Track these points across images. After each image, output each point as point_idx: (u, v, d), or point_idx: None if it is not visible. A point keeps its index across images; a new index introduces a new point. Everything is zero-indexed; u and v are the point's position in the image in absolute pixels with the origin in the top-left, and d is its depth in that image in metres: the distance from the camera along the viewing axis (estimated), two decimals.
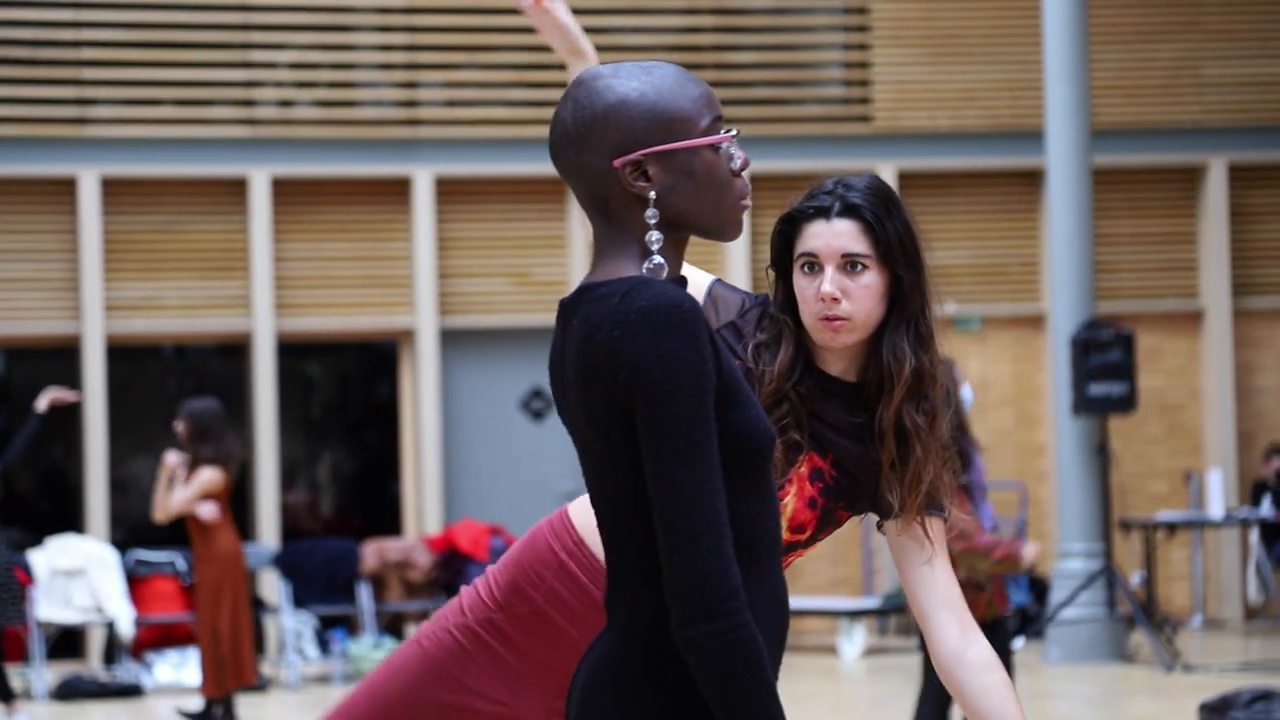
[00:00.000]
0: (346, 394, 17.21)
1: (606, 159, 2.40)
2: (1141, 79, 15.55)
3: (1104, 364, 13.08)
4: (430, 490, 14.65)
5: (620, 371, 2.30)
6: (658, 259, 2.39)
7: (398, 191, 14.79)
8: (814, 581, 15.14)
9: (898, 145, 15.16)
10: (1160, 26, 15.60)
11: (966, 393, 7.66)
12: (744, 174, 2.46)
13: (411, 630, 14.43)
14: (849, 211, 3.23)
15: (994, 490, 12.45)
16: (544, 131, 14.96)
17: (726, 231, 2.44)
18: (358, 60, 14.98)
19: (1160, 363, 15.57)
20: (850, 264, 3.21)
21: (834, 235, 3.22)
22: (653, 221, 2.40)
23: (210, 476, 10.23)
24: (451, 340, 14.87)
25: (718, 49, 15.19)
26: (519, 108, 14.96)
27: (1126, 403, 13.13)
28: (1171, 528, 14.60)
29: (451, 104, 15.02)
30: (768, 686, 2.27)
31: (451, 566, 13.61)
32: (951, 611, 3.17)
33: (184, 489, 10.25)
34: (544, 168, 14.80)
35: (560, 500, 14.16)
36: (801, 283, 3.24)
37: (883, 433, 3.19)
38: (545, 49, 15.00)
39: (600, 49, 14.71)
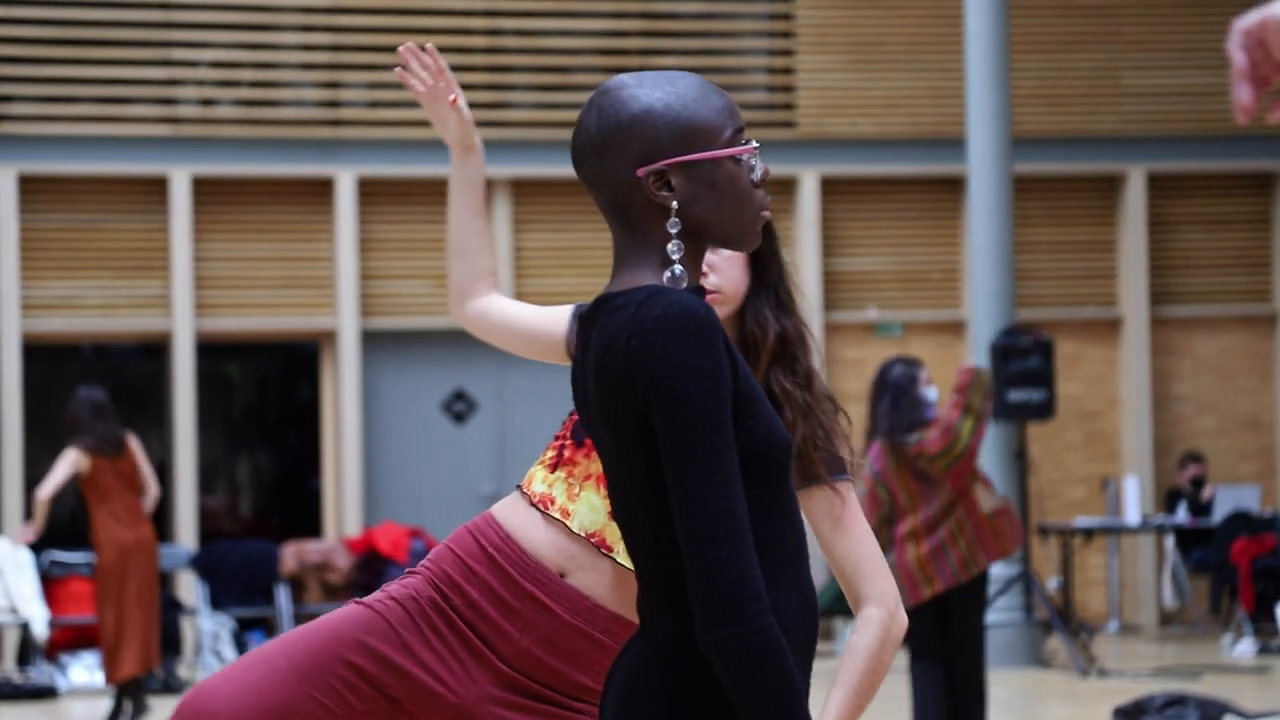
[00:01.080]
0: (267, 395, 17.13)
1: (630, 168, 2.43)
2: (1062, 88, 15.67)
3: (1023, 370, 13.16)
4: (350, 492, 14.60)
5: (637, 380, 2.32)
6: (678, 268, 2.42)
7: (320, 192, 14.74)
8: None
9: (821, 151, 15.21)
10: (1081, 36, 15.72)
11: (931, 393, 7.74)
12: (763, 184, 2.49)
13: None
14: None
15: None
16: None
17: (746, 242, 2.48)
18: (280, 60, 14.92)
19: (1079, 370, 15.69)
20: None
21: None
22: (674, 231, 2.42)
23: (70, 458, 10.35)
24: (373, 342, 14.82)
25: (644, 53, 15.21)
26: None
27: (1045, 409, 13.23)
28: (1088, 533, 14.71)
29: (374, 105, 14.98)
30: (793, 688, 2.28)
31: (371, 568, 13.56)
32: (851, 580, 3.21)
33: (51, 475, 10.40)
34: None
35: (482, 503, 14.14)
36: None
37: None
38: (468, 50, 15.00)
39: (527, 52, 14.75)
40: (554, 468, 3.36)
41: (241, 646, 13.65)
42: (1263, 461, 15.99)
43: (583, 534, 3.30)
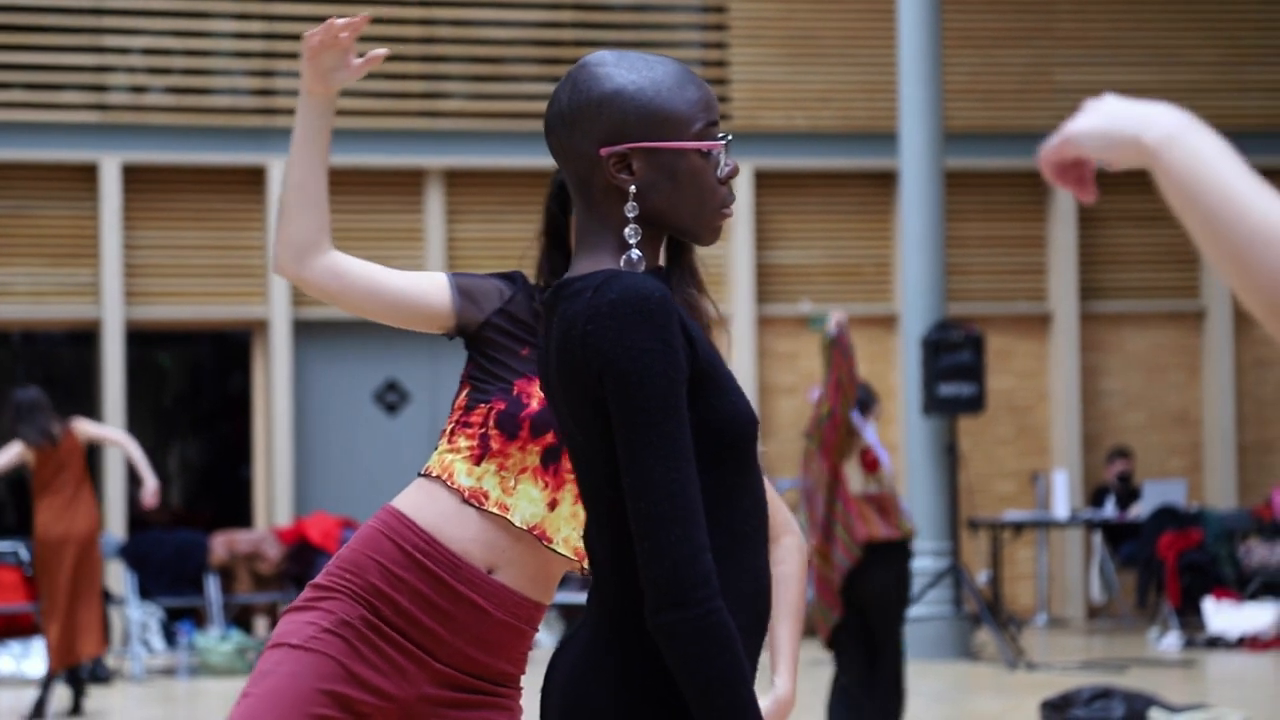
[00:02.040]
0: (197, 384, 17.05)
1: (594, 146, 2.42)
2: (994, 83, 15.75)
3: (954, 365, 13.23)
4: (281, 482, 14.55)
5: (593, 364, 2.32)
6: (635, 253, 2.41)
7: (252, 180, 14.67)
8: None
9: (755, 144, 15.25)
10: (1013, 32, 15.81)
11: (869, 432, 7.68)
12: (730, 182, 2.48)
13: (260, 623, 14.33)
14: None
15: None
16: (401, 123, 14.90)
17: (703, 236, 2.46)
18: (212, 47, 14.84)
19: (1009, 364, 15.78)
20: None
21: None
22: (631, 215, 2.42)
23: (15, 448, 10.68)
24: (305, 331, 14.77)
25: (577, 44, 15.20)
26: (377, 99, 14.88)
27: (975, 403, 13.30)
28: (1018, 527, 14.80)
29: None
30: (740, 673, 2.29)
31: (302, 559, 13.51)
32: None
33: None
34: (400, 160, 14.73)
35: None
36: None
37: None
38: (402, 40, 14.95)
39: (461, 42, 14.73)
40: (479, 459, 3.31)
41: (170, 637, 13.58)
42: (1190, 456, 16.12)
43: (525, 528, 3.29)
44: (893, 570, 7.71)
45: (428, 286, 3.37)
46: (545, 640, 12.78)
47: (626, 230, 2.42)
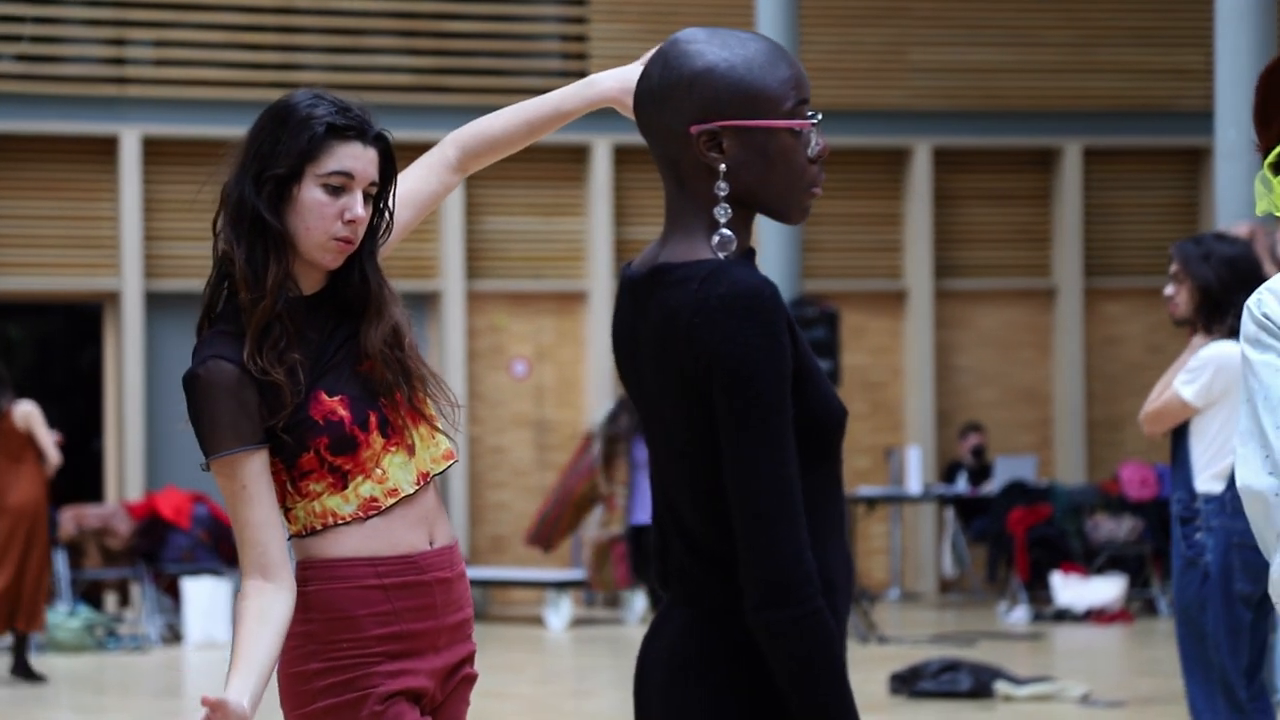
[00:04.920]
0: (48, 356, 16.82)
1: (684, 124, 2.40)
2: (850, 62, 15.86)
3: (809, 341, 13.32)
4: (133, 456, 14.39)
5: (700, 359, 2.31)
6: (726, 232, 2.40)
7: (103, 150, 14.47)
8: (522, 553, 15.19)
9: (614, 119, 15.22)
10: (869, 11, 15.91)
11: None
12: (820, 161, 2.47)
13: (109, 599, 14.17)
14: (378, 140, 3.27)
15: None
16: (258, 94, 14.74)
17: (792, 215, 2.46)
18: (63, 15, 14.61)
19: (863, 341, 15.92)
20: (367, 193, 3.25)
21: (369, 160, 3.25)
22: (721, 194, 2.40)
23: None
24: (158, 304, 14.61)
25: (437, 18, 15.13)
26: (232, 69, 14.72)
27: (830, 379, 13.40)
28: (871, 503, 14.94)
29: (161, 63, 14.73)
30: (840, 670, 2.31)
31: (153, 534, 13.37)
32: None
33: None
34: None
35: None
36: (323, 198, 3.23)
37: (367, 354, 3.26)
38: (261, 10, 14.79)
39: (318, 13, 14.61)
40: (343, 486, 3.25)
41: None
42: (1040, 433, 16.35)
43: (416, 485, 3.26)
44: None
45: (260, 472, 3.27)
46: None
47: (716, 209, 2.40)
